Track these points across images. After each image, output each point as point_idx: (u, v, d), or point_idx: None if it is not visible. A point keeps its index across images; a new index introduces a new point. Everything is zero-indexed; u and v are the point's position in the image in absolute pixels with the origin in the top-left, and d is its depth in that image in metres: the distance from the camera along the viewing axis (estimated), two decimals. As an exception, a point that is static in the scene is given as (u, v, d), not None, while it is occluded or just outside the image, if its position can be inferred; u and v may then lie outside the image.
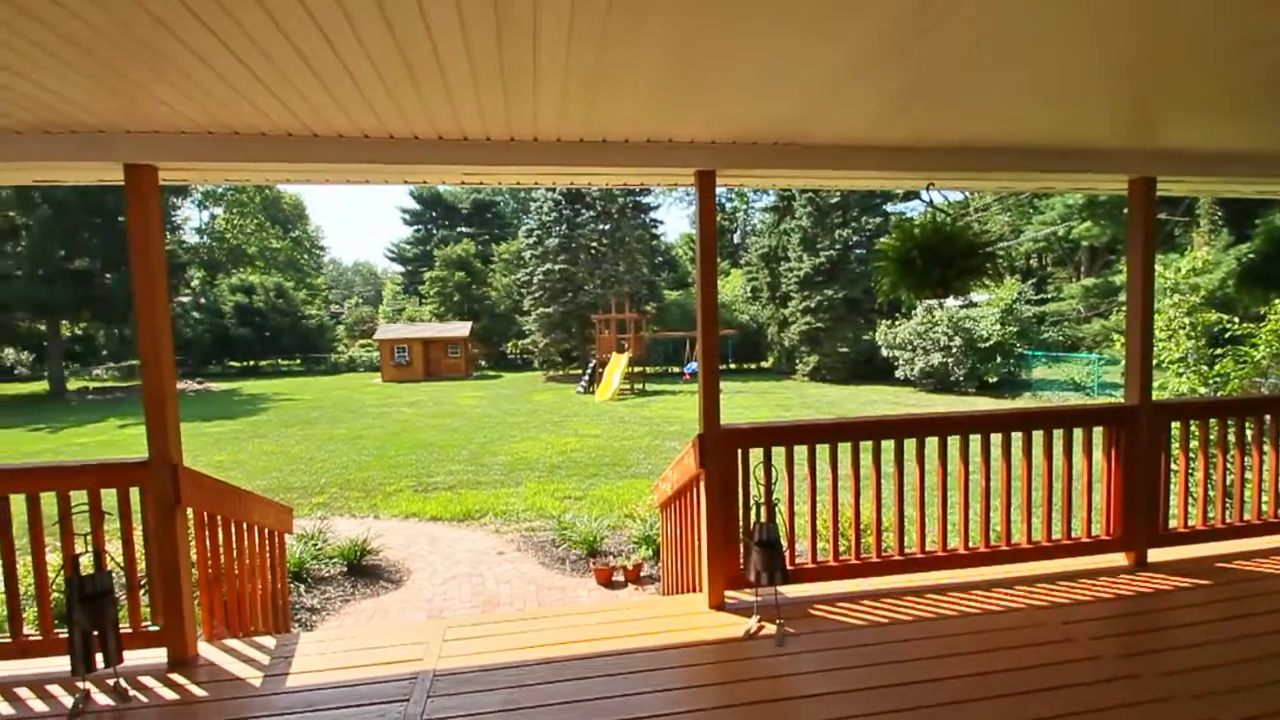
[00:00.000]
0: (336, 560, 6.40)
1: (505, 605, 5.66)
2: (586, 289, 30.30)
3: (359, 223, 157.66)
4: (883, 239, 3.16)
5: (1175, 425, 3.70)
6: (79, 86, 2.08)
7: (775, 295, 30.03)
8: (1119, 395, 3.68)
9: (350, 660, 2.80)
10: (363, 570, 6.40)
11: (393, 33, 1.77)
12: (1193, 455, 3.67)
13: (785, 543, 3.15)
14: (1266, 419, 3.83)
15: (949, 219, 2.99)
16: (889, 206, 29.20)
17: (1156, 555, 3.61)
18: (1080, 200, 25.86)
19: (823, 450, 3.34)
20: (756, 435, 3.28)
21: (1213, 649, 2.73)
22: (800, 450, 3.34)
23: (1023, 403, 18.89)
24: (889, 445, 3.39)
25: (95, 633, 2.43)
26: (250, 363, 39.99)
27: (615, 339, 25.63)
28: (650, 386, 25.01)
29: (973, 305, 22.52)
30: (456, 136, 2.72)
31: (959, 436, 3.52)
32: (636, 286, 31.03)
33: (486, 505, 8.78)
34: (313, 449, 13.61)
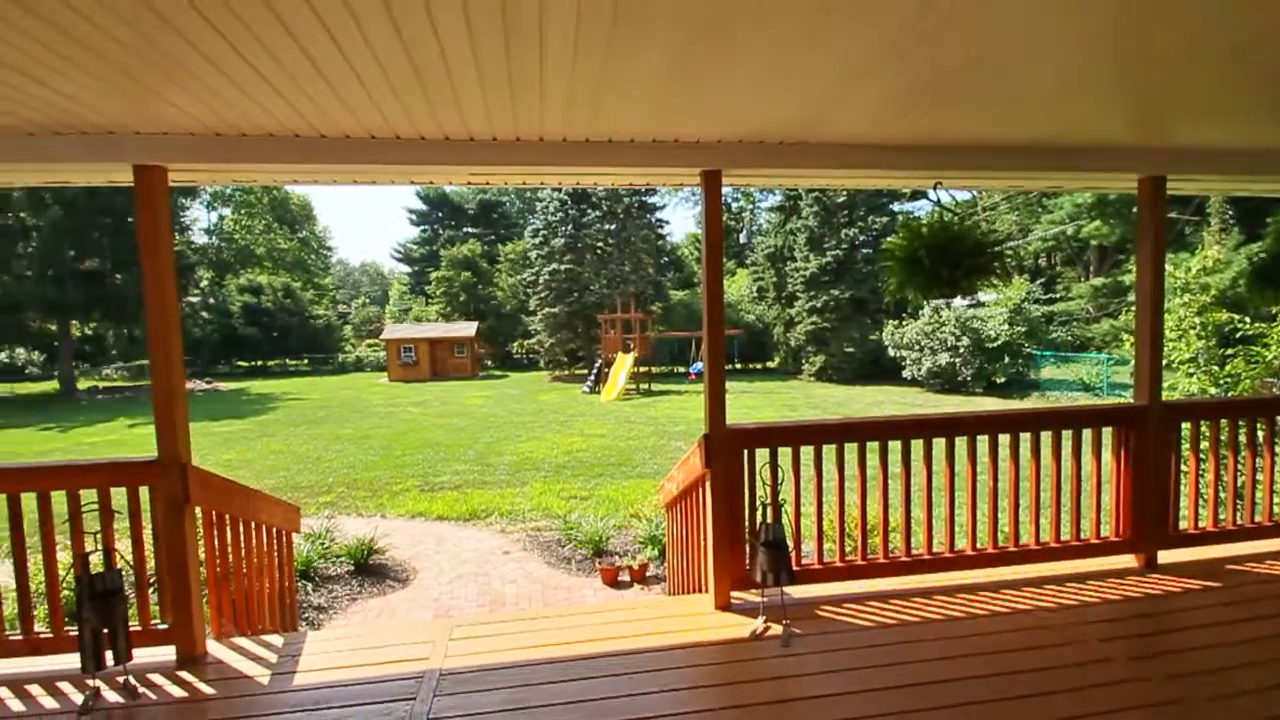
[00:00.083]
0: (343, 559, 6.43)
1: (511, 605, 5.67)
2: (592, 289, 30.32)
3: (366, 223, 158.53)
4: (890, 238, 3.15)
5: (1185, 426, 3.67)
6: (89, 88, 2.10)
7: (781, 295, 29.96)
8: (1128, 396, 3.66)
9: (357, 659, 2.81)
10: (369, 569, 6.43)
11: (400, 35, 1.78)
12: (1203, 456, 3.64)
13: (791, 543, 3.15)
14: (1278, 420, 3.79)
15: (956, 218, 2.97)
16: (896, 206, 29.06)
17: (1166, 557, 3.58)
18: (1089, 199, 25.73)
19: (829, 451, 3.33)
20: (762, 435, 3.28)
21: (1223, 651, 2.70)
22: (806, 450, 3.32)
23: (1031, 403, 18.78)
24: (896, 446, 3.38)
25: (105, 630, 2.45)
26: (258, 362, 40.21)
27: (621, 339, 25.65)
28: (656, 386, 25.00)
29: (980, 305, 22.39)
30: (463, 137, 2.73)
31: (966, 437, 3.50)
32: (642, 286, 31.02)
33: (492, 505, 8.80)
34: (320, 448, 13.67)
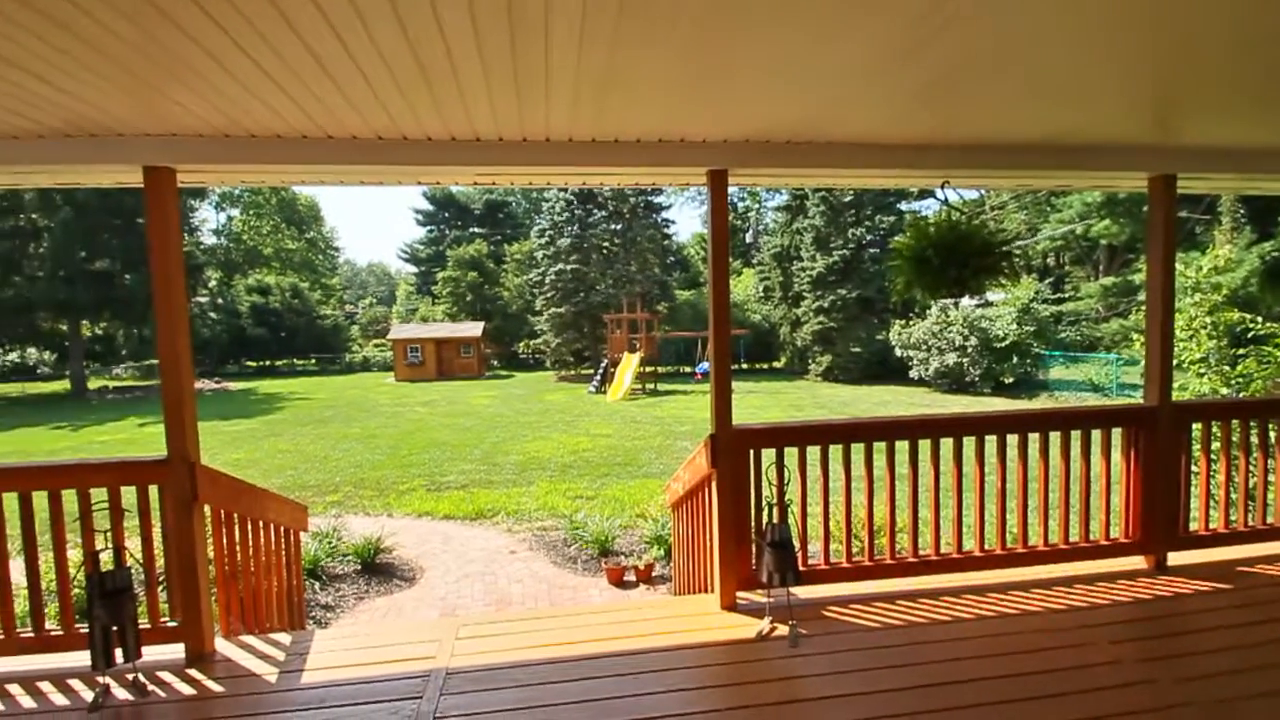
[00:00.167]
0: (351, 558, 6.46)
1: (517, 604, 5.68)
2: (598, 289, 30.34)
3: (373, 224, 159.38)
4: (897, 238, 3.13)
5: (1196, 426, 3.63)
6: (94, 88, 2.10)
7: (788, 295, 29.89)
8: (1138, 396, 3.63)
9: (364, 657, 2.82)
10: (376, 568, 6.45)
11: (405, 32, 1.78)
12: (1214, 457, 3.60)
13: (798, 544, 3.14)
14: (1290, 420, 3.76)
15: (964, 217, 2.96)
16: (903, 205, 28.97)
17: (1176, 558, 3.55)
18: (1099, 198, 25.53)
19: (836, 451, 3.32)
20: (769, 435, 3.27)
21: (1233, 654, 2.68)
22: (813, 451, 3.31)
23: (1040, 403, 18.66)
24: (903, 446, 3.36)
25: (115, 628, 2.47)
26: (266, 362, 40.47)
27: (627, 339, 25.65)
28: (662, 386, 24.99)
29: (988, 305, 22.27)
30: (469, 137, 2.73)
31: (974, 438, 3.48)
32: (648, 286, 31.02)
33: (499, 504, 8.82)
34: (327, 448, 13.73)
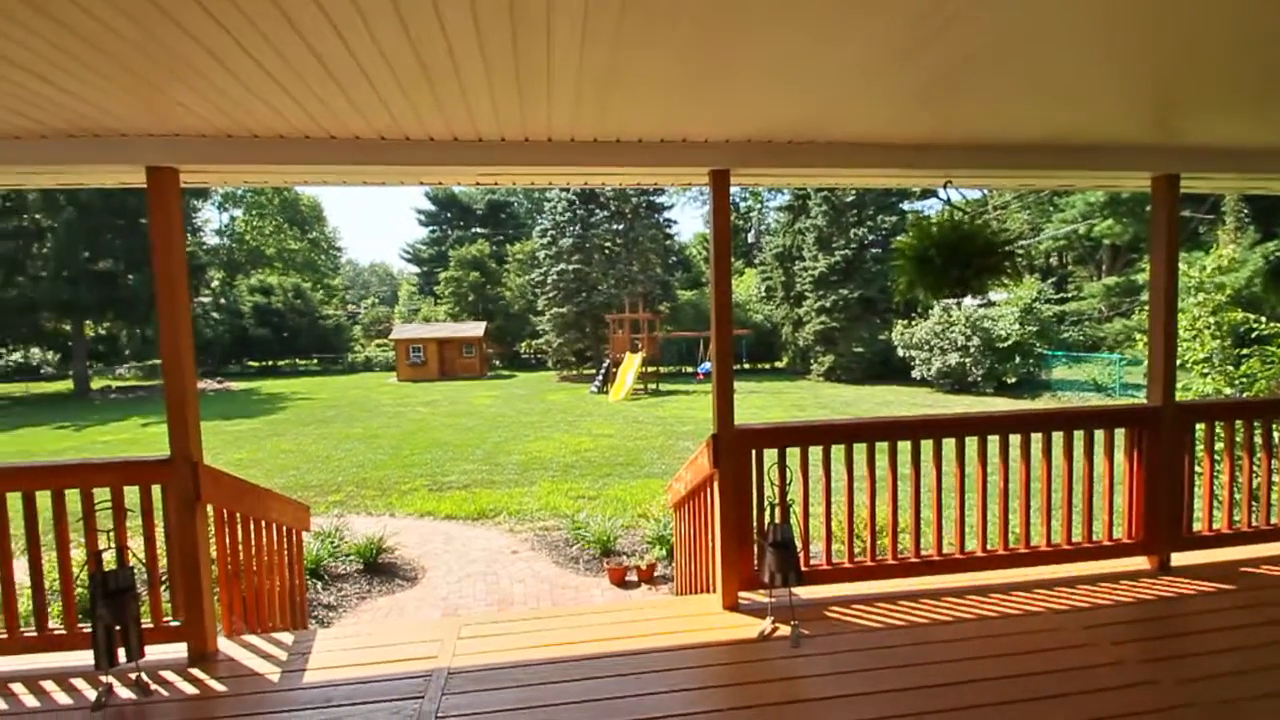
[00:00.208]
0: (353, 558, 6.47)
1: (519, 604, 5.68)
2: (600, 289, 30.35)
3: (375, 224, 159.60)
4: (900, 237, 3.13)
5: (1200, 427, 3.62)
6: (97, 88, 2.11)
7: (790, 295, 29.87)
8: (1141, 396, 3.62)
9: (366, 657, 2.82)
10: (379, 568, 6.46)
11: (408, 32, 1.78)
12: (1217, 457, 3.60)
13: (800, 544, 3.13)
14: (1294, 420, 3.74)
15: (967, 217, 2.95)
16: (906, 205, 28.91)
17: (1179, 559, 3.54)
18: (1101, 198, 25.47)
19: (838, 451, 3.31)
20: (771, 435, 3.27)
21: (1237, 655, 2.67)
22: (815, 451, 3.31)
23: (1042, 404, 18.63)
24: (905, 446, 3.36)
25: (118, 627, 2.48)
26: (269, 362, 40.51)
27: (629, 339, 25.64)
28: (664, 386, 24.99)
29: (991, 304, 22.25)
30: (471, 137, 2.73)
31: (977, 438, 3.48)
32: (650, 286, 31.03)
33: (500, 504, 8.82)
34: (329, 448, 13.75)
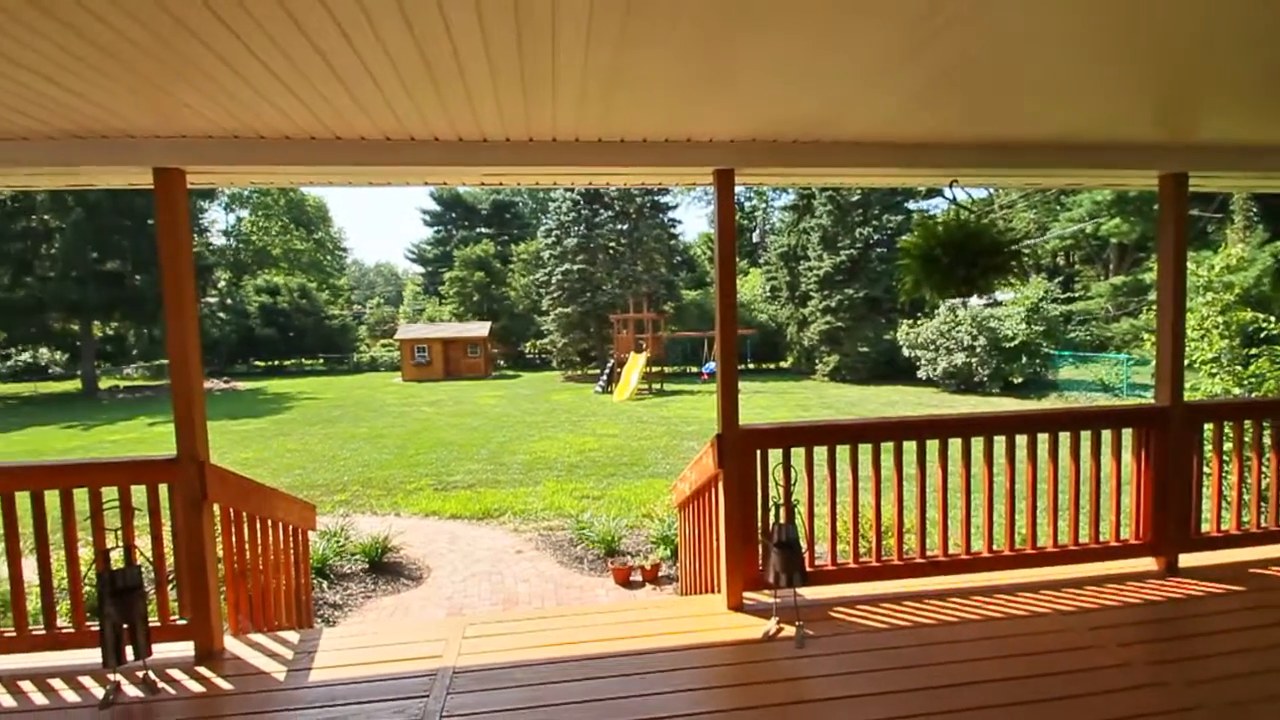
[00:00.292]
0: (358, 557, 6.49)
1: (524, 603, 5.69)
2: (605, 289, 30.36)
3: (381, 224, 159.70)
4: (905, 237, 3.12)
5: (1208, 427, 3.60)
6: (104, 90, 2.12)
7: (795, 294, 29.81)
8: (1149, 396, 3.60)
9: (372, 656, 2.83)
10: (384, 567, 6.48)
11: (412, 32, 1.79)
12: (1226, 458, 3.57)
13: (804, 544, 3.13)
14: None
15: (973, 216, 2.94)
16: (911, 204, 28.76)
17: (1188, 560, 3.52)
18: (1109, 196, 25.32)
19: (843, 451, 3.31)
20: (776, 436, 3.26)
21: (1246, 657, 2.65)
22: (820, 451, 3.30)
23: (1049, 404, 18.54)
24: (911, 446, 3.35)
25: (125, 626, 2.49)
26: (275, 362, 40.69)
27: (633, 339, 25.63)
28: (668, 386, 24.97)
29: (997, 304, 22.15)
30: (476, 138, 2.74)
31: (983, 438, 3.46)
32: (655, 286, 31.01)
33: (505, 504, 8.84)
34: (335, 447, 13.80)
